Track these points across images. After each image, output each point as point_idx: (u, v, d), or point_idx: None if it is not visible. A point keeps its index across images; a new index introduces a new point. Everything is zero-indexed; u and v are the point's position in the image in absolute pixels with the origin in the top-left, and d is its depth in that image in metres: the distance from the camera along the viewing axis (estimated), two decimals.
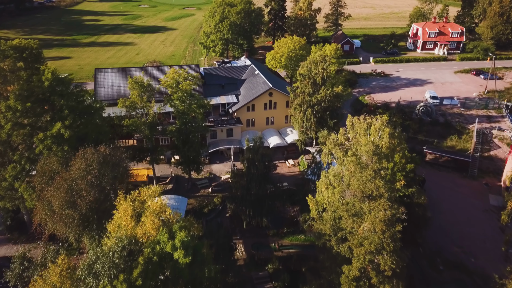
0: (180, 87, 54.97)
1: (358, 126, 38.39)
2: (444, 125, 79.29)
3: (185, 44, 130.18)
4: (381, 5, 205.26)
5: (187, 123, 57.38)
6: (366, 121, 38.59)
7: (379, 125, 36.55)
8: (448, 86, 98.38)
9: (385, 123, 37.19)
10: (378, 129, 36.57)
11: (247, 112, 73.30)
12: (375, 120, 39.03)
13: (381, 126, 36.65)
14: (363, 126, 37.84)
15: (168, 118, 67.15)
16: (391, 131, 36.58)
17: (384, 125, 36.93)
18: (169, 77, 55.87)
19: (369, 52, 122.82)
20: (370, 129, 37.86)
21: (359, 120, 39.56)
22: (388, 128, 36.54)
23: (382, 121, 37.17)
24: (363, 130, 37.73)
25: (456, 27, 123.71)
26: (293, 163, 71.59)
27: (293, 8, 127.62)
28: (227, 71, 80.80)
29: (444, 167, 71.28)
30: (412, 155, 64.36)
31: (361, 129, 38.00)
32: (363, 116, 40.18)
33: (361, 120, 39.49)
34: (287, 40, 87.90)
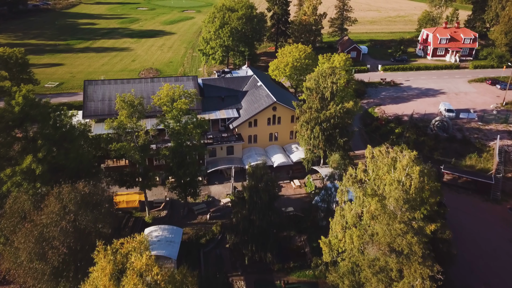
0: (175, 105, 49.17)
1: (381, 162, 32.54)
2: (462, 141, 73.32)
3: (183, 49, 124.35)
4: (386, 8, 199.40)
5: (183, 143, 51.58)
6: (390, 154, 32.76)
7: (406, 162, 30.71)
8: (463, 96, 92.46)
9: (413, 159, 31.34)
10: (406, 166, 30.77)
11: (249, 128, 67.52)
12: (400, 154, 33.17)
13: (409, 163, 30.83)
14: (387, 161, 32.01)
15: (163, 135, 61.37)
16: (421, 168, 30.76)
17: (413, 163, 31.05)
18: (163, 95, 50.08)
19: (377, 59, 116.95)
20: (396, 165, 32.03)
21: (381, 153, 33.72)
22: (418, 166, 30.71)
23: (410, 157, 31.32)
24: (387, 166, 31.91)
25: (468, 33, 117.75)
26: (299, 184, 65.74)
27: (297, 12, 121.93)
28: (227, 82, 75.02)
29: (463, 188, 65.36)
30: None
31: (383, 165, 32.17)
32: (385, 148, 34.34)
33: (383, 153, 33.64)
34: (292, 48, 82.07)
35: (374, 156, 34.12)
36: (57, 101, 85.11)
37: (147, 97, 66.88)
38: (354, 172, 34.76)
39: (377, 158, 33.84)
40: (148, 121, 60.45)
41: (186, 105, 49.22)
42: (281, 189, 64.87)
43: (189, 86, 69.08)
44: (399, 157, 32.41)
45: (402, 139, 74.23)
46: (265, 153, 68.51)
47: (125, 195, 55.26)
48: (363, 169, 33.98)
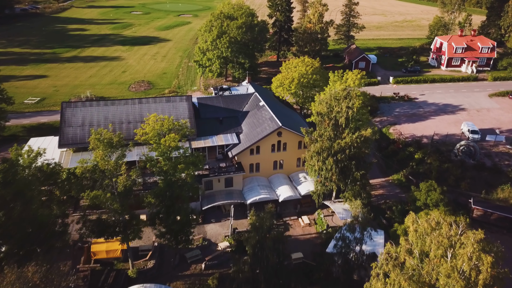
0: (162, 142, 40.59)
1: (432, 239, 24.01)
2: (492, 170, 64.84)
3: (178, 59, 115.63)
4: (392, 12, 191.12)
5: (173, 184, 42.99)
6: (444, 232, 24.21)
7: (472, 249, 22.20)
8: (485, 114, 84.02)
9: (481, 244, 22.85)
10: (471, 254, 22.27)
11: (250, 156, 58.95)
12: (455, 227, 24.61)
13: (475, 251, 22.36)
14: (443, 242, 23.50)
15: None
16: (493, 260, 22.29)
17: (479, 249, 22.54)
18: (148, 129, 41.49)
19: (387, 70, 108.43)
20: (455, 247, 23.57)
21: (429, 225, 25.17)
22: (488, 256, 22.22)
23: (475, 241, 22.80)
24: (441, 249, 23.44)
25: (486, 42, 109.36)
26: (308, 221, 57.15)
27: (301, 19, 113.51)
28: (226, 101, 66.50)
29: (496, 226, 56.90)
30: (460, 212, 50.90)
31: (436, 246, 23.66)
32: (434, 220, 25.77)
33: (433, 225, 25.07)
34: (298, 62, 73.56)
35: (417, 229, 25.59)
36: (36, 121, 76.58)
37: (134, 121, 58.55)
38: (395, 250, 26.29)
39: (424, 232, 25.34)
40: (135, 150, 52.04)
41: (176, 142, 40.62)
42: (288, 227, 56.50)
43: (182, 108, 60.70)
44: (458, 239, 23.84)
45: (423, 166, 65.75)
46: (269, 184, 59.96)
47: (104, 243, 46.58)
48: (407, 249, 25.47)
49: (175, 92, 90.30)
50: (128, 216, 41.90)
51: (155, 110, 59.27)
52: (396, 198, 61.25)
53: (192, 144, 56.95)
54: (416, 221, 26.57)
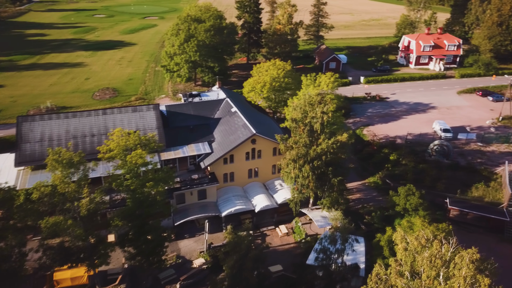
0: (128, 159, 37.59)
1: (426, 263, 22.40)
2: (467, 169, 65.03)
3: (145, 63, 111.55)
4: (359, 11, 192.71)
5: (143, 203, 40.02)
6: (436, 251, 22.68)
7: (467, 272, 20.67)
8: (456, 111, 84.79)
9: (475, 263, 21.43)
10: (466, 274, 20.82)
11: (224, 165, 56.46)
12: (446, 246, 23.13)
13: (470, 272, 20.83)
14: (436, 262, 21.94)
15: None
16: (490, 282, 20.89)
17: (475, 269, 21.08)
18: (112, 145, 38.38)
19: (358, 70, 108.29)
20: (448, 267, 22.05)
21: (419, 244, 23.59)
22: (486, 278, 20.80)
23: (470, 261, 21.34)
24: (434, 269, 21.87)
25: (452, 39, 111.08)
26: (286, 231, 55.22)
27: (270, 20, 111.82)
28: (196, 108, 63.75)
29: (474, 226, 56.84)
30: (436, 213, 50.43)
31: (428, 267, 22.09)
32: (424, 237, 24.24)
33: (422, 243, 23.51)
34: (269, 65, 71.61)
35: (408, 248, 24.00)
36: None
37: (99, 134, 54.93)
38: (384, 272, 24.59)
39: (414, 250, 23.76)
40: (100, 165, 48.49)
41: (143, 158, 37.72)
42: (266, 239, 54.42)
43: (150, 118, 57.55)
44: (448, 255, 22.40)
45: (399, 168, 65.21)
46: (244, 193, 57.67)
47: (69, 270, 42.99)
48: (398, 270, 23.79)
49: (142, 98, 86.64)
50: (94, 239, 38.66)
51: (120, 121, 56.00)
52: (374, 201, 60.32)
53: (161, 156, 53.94)
54: (405, 238, 25.00)
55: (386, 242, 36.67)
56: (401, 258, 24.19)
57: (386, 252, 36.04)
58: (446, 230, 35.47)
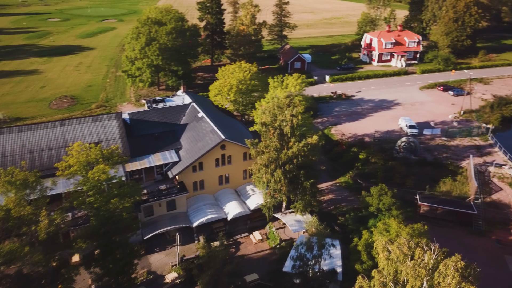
0: (90, 175, 35.08)
1: (410, 273, 21.68)
2: (433, 164, 66.14)
3: (105, 68, 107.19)
4: (320, 9, 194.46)
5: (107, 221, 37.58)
6: (419, 261, 22.03)
7: (452, 281, 20.10)
8: (419, 107, 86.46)
9: (460, 270, 20.93)
10: (451, 281, 20.27)
11: (193, 173, 54.50)
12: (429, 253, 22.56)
13: (455, 280, 20.30)
14: (420, 272, 21.23)
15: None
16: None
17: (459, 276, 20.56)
18: (72, 161, 35.73)
19: (323, 68, 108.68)
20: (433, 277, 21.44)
21: (401, 252, 22.89)
22: (471, 286, 20.33)
23: (455, 269, 20.78)
24: (419, 280, 21.19)
25: (412, 36, 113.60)
26: (260, 237, 53.97)
27: (233, 21, 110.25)
28: (160, 114, 61.36)
29: (443, 221, 57.77)
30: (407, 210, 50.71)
31: (413, 277, 21.39)
32: (405, 245, 23.59)
33: (405, 251, 22.85)
34: (235, 68, 70.15)
35: (390, 258, 23.27)
36: None
37: (57, 147, 51.57)
38: (368, 285, 23.73)
39: (396, 258, 23.05)
40: (61, 181, 45.35)
41: (107, 174, 35.34)
42: (239, 246, 53.01)
43: (112, 127, 54.70)
44: (430, 260, 21.82)
45: (368, 167, 65.49)
46: (215, 201, 55.96)
47: None
48: (381, 282, 22.96)
49: (103, 106, 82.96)
50: (56, 263, 35.87)
51: (80, 133, 52.90)
52: (346, 201, 60.18)
53: (126, 167, 51.32)
54: (386, 247, 24.29)
55: (363, 246, 36.13)
56: (384, 267, 23.48)
57: (364, 257, 35.49)
58: (422, 230, 35.30)
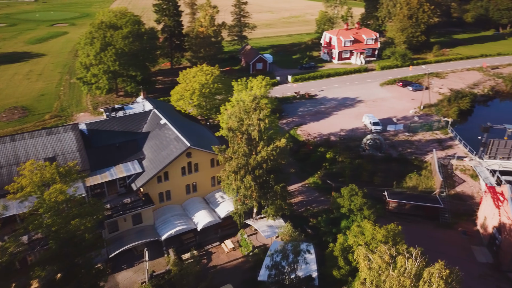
0: (46, 196, 32.24)
1: (394, 284, 21.01)
2: (399, 160, 67.12)
3: (58, 76, 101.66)
4: (278, 8, 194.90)
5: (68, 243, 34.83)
6: (402, 269, 21.42)
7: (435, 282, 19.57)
8: (381, 103, 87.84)
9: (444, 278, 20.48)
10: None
11: (158, 184, 52.17)
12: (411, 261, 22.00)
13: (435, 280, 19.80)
14: (404, 282, 20.59)
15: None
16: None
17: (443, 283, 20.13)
18: (24, 182, 32.72)
19: (284, 68, 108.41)
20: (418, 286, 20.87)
21: (383, 261, 22.23)
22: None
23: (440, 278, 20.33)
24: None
25: (369, 33, 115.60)
26: (232, 245, 52.49)
27: (192, 23, 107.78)
28: (120, 123, 58.43)
29: (412, 216, 58.67)
30: (376, 207, 50.88)
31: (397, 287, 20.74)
32: (387, 253, 22.95)
33: (387, 259, 22.20)
34: (196, 71, 68.02)
35: (371, 267, 22.55)
36: None
37: (7, 165, 47.68)
38: None
39: (378, 267, 22.35)
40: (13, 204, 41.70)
41: (65, 194, 32.63)
42: (211, 256, 51.30)
43: (68, 140, 51.31)
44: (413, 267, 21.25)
45: (336, 166, 65.54)
46: (184, 211, 53.90)
47: None
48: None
49: (58, 116, 78.39)
50: None
51: (34, 147, 49.28)
52: (316, 202, 59.83)
53: (86, 182, 48.22)
54: (368, 256, 23.57)
55: (339, 251, 35.49)
56: (366, 278, 22.76)
57: (341, 262, 34.88)
58: (396, 231, 35.11)
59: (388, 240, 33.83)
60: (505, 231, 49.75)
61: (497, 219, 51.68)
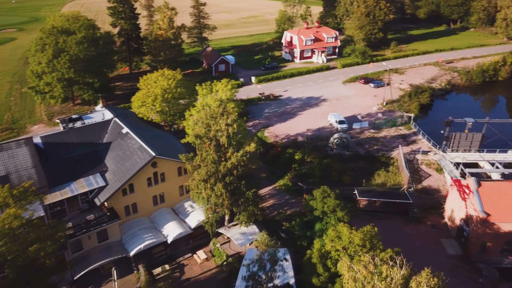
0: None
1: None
2: (366, 157, 67.60)
3: (7, 85, 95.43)
4: (237, 9, 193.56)
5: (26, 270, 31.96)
6: (389, 279, 20.73)
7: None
8: (345, 101, 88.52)
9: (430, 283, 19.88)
10: None
11: (123, 197, 49.55)
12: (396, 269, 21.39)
13: None
14: None
15: None
16: None
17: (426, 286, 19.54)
18: None
19: (247, 69, 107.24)
20: None
21: (366, 269, 21.47)
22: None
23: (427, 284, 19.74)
24: None
25: (329, 32, 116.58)
26: (205, 256, 50.83)
27: (150, 26, 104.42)
28: (79, 134, 55.08)
29: (382, 213, 59.19)
30: (348, 206, 50.70)
31: None
32: (371, 263, 22.23)
33: (371, 269, 21.48)
34: (157, 76, 65.48)
35: (356, 278, 21.74)
36: None
37: None
38: None
39: (364, 278, 21.57)
40: None
41: (20, 218, 29.79)
42: (184, 268, 49.37)
43: (22, 156, 47.75)
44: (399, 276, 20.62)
45: (305, 166, 65.11)
46: (152, 224, 51.56)
47: None
48: None
49: (10, 129, 73.31)
50: None
51: None
52: (288, 205, 59.13)
53: (44, 200, 44.92)
54: (352, 267, 22.76)
55: (318, 258, 34.70)
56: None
57: (320, 269, 34.08)
58: (373, 233, 34.74)
59: (366, 243, 33.41)
60: (472, 222, 51.01)
61: (464, 212, 52.94)
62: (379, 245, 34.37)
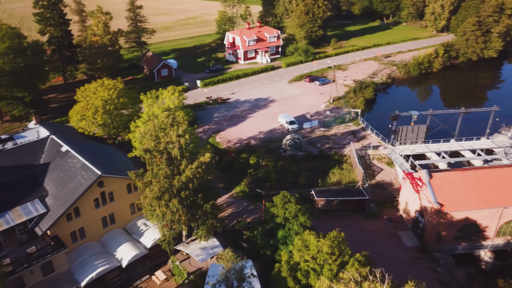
0: None
1: None
2: (320, 157, 67.55)
3: None
4: (174, 10, 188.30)
5: None
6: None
7: None
8: (293, 101, 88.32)
9: None
10: None
11: (68, 223, 45.19)
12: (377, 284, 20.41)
13: None
14: None
15: None
16: None
17: None
18: None
19: (191, 73, 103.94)
20: None
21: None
22: None
23: None
24: None
25: (271, 31, 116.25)
26: (164, 276, 47.86)
27: (83, 32, 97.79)
28: (11, 156, 49.56)
29: (339, 211, 59.37)
30: (306, 207, 50.11)
31: None
32: (351, 280, 21.05)
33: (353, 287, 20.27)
34: (96, 86, 60.74)
35: None
36: None
37: None
38: None
39: None
40: None
41: None
42: None
43: None
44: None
45: (260, 170, 63.79)
46: (103, 248, 47.59)
47: None
48: None
49: None
50: None
51: None
52: (247, 212, 57.49)
53: None
54: (332, 287, 21.46)
55: (287, 271, 33.26)
56: None
57: (290, 283, 32.66)
58: (340, 239, 33.98)
59: (334, 250, 32.54)
60: (427, 214, 52.38)
61: (418, 203, 54.28)
62: (347, 250, 33.68)
